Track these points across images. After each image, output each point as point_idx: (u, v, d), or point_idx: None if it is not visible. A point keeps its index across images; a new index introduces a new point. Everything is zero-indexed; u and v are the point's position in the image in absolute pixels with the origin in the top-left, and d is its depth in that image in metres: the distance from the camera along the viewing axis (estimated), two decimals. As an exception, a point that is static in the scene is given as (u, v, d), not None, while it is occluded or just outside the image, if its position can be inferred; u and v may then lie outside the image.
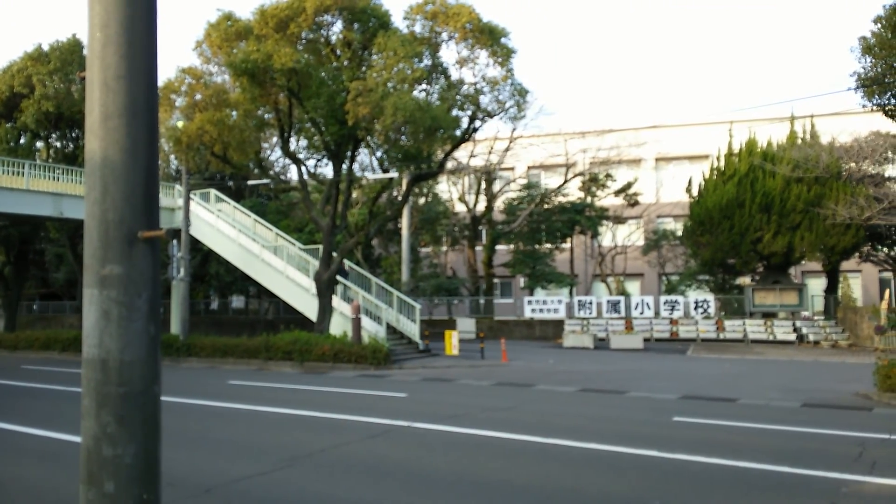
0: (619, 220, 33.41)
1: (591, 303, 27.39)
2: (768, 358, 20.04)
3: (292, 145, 21.15)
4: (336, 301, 20.34)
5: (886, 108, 13.16)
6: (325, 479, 6.46)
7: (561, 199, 32.20)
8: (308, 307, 20.91)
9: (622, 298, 27.43)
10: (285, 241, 23.01)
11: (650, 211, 34.93)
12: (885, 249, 26.62)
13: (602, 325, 26.23)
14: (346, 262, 22.03)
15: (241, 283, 29.84)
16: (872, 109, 13.53)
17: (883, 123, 16.67)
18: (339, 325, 19.67)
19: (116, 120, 2.76)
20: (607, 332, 25.29)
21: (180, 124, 17.78)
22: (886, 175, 25.77)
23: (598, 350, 23.14)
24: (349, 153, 19.78)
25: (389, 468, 6.84)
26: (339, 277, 20.38)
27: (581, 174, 32.59)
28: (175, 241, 20.86)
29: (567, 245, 33.93)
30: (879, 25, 11.64)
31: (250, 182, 28.52)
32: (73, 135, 28.72)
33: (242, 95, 17.89)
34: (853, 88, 12.91)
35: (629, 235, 34.63)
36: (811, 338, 23.86)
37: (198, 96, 18.16)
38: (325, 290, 19.37)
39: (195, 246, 24.64)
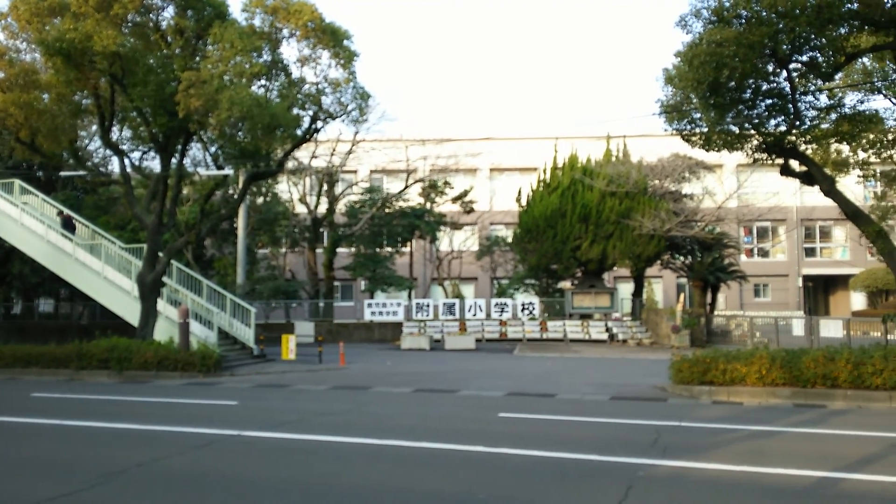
0: (456, 226, 34.58)
1: (428, 305, 28.05)
2: (584, 356, 21.77)
3: (114, 135, 19.55)
4: (162, 305, 19.05)
5: (683, 134, 14.91)
6: (142, 496, 6.05)
7: (402, 203, 32.63)
8: (129, 311, 19.39)
9: (457, 301, 28.40)
10: (104, 240, 21.17)
11: (484, 218, 36.55)
12: (682, 258, 30.01)
13: (438, 327, 26.96)
14: (175, 263, 20.77)
15: (50, 284, 26.90)
16: (672, 133, 15.28)
17: (681, 147, 18.93)
18: (164, 331, 18.45)
19: None
20: (443, 334, 26.04)
21: (-23, 105, 15.76)
22: (684, 192, 29.18)
23: (433, 351, 23.74)
24: (179, 147, 18.65)
25: (214, 480, 6.57)
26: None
27: (421, 180, 33.29)
28: (-32, 238, 18.43)
29: (407, 249, 34.49)
30: (679, 59, 13.17)
31: (63, 173, 25.89)
32: None
33: (56, 77, 16.22)
34: (657, 114, 14.45)
35: (465, 241, 35.97)
36: (620, 337, 26.27)
37: (0, 74, 16.23)
38: (149, 292, 18.10)
39: (-6, 243, 21.91)
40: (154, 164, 20.99)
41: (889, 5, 11.89)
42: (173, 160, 18.61)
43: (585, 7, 79.01)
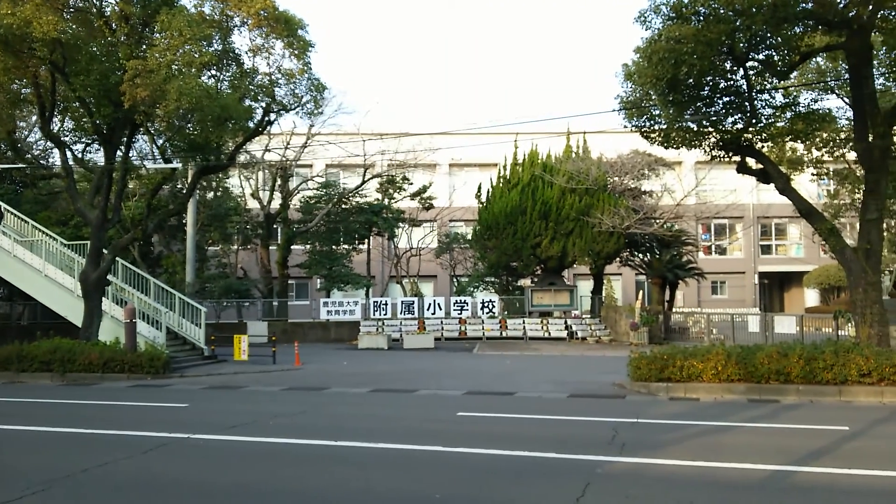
0: (415, 222, 34.29)
1: (386, 304, 27.77)
2: (544, 353, 21.81)
3: (56, 126, 18.73)
4: (107, 304, 18.35)
5: (642, 130, 14.97)
6: (87, 501, 5.85)
7: (359, 199, 32.22)
8: (73, 311, 18.63)
9: (416, 299, 28.17)
10: (45, 236, 20.27)
11: (443, 215, 36.31)
12: (641, 255, 30.37)
13: (396, 326, 26.70)
14: (120, 261, 20.00)
15: (-14, 283, 25.72)
16: (632, 130, 15.33)
17: (641, 143, 19.09)
18: (110, 331, 17.78)
19: None
20: (401, 333, 25.78)
21: None
22: (643, 189, 29.48)
23: (392, 350, 23.51)
24: (125, 139, 17.95)
25: (164, 485, 6.33)
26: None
27: (379, 176, 32.90)
28: None
29: (364, 246, 34.06)
30: (639, 55, 13.19)
31: (1, 166, 24.73)
32: None
33: (-8, 65, 15.44)
34: (616, 110, 14.47)
35: (424, 238, 35.69)
36: (579, 334, 26.42)
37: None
38: (94, 291, 17.38)
39: (-76, 239, 20.73)
40: (98, 156, 20.18)
41: (842, 5, 12.08)
42: (118, 153, 17.95)
43: (546, 1, 79.67)
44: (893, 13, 11.89)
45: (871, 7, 11.72)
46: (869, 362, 11.63)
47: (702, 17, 12.09)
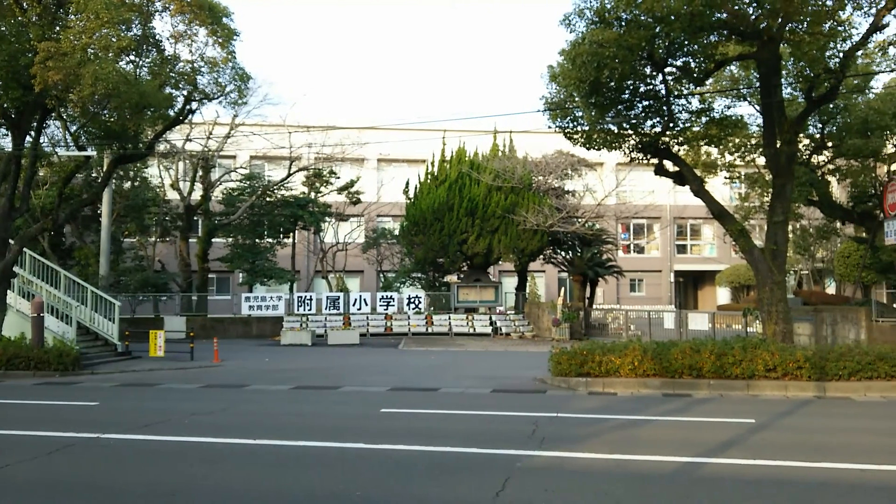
0: (342, 217, 33.94)
1: (310, 299, 27.38)
2: (468, 349, 22.04)
3: (-43, 108, 17.48)
4: (12, 297, 17.29)
5: (566, 131, 15.32)
6: None
7: (284, 192, 31.58)
8: (-26, 305, 17.47)
9: (341, 295, 27.91)
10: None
11: (371, 210, 36.08)
12: (563, 253, 31.14)
13: (321, 322, 26.36)
14: (28, 252, 18.86)
15: None
16: (556, 131, 15.65)
17: (565, 144, 19.56)
18: (15, 326, 16.78)
19: None
20: (326, 329, 25.49)
21: None
22: (566, 189, 30.24)
23: (315, 346, 23.20)
24: (35, 124, 16.94)
25: (69, 487, 6.05)
26: None
27: (305, 169, 32.33)
28: None
29: (289, 240, 33.44)
30: (563, 58, 13.47)
31: None
32: None
33: None
34: (541, 111, 14.74)
35: (350, 233, 35.37)
36: (504, 330, 26.86)
37: None
38: (-3, 284, 16.34)
39: None
40: (5, 142, 18.96)
41: (753, 17, 12.71)
42: (28, 138, 16.91)
43: (473, 2, 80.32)
44: (800, 26, 12.57)
45: (780, 20, 12.37)
46: (774, 358, 12.16)
47: (624, 23, 12.45)
